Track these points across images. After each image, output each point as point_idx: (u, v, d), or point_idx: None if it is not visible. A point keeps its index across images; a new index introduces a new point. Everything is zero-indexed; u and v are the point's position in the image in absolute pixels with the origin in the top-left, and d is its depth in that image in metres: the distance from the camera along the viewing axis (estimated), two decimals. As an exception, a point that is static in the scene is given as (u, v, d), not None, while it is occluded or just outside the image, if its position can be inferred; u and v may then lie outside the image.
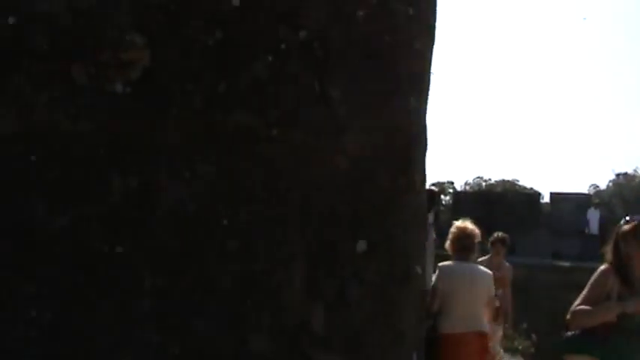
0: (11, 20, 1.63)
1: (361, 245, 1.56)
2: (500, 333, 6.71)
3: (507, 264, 7.13)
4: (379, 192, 1.57)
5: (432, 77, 1.74)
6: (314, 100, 1.56)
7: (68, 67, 1.61)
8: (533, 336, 9.26)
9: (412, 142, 1.61)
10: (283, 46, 1.56)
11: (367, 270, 1.57)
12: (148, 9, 1.59)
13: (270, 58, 1.56)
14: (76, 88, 1.60)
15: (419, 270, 1.63)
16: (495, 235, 6.95)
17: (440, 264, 4.17)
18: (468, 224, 4.44)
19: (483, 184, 29.91)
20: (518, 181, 29.41)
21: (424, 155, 1.68)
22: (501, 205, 15.96)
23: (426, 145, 1.70)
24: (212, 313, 1.56)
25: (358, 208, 1.57)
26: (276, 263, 1.55)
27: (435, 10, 1.76)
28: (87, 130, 1.59)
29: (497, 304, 6.86)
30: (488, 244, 6.95)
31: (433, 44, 1.74)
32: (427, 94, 1.71)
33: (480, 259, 6.29)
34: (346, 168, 1.56)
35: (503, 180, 29.32)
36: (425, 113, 1.69)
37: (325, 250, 1.56)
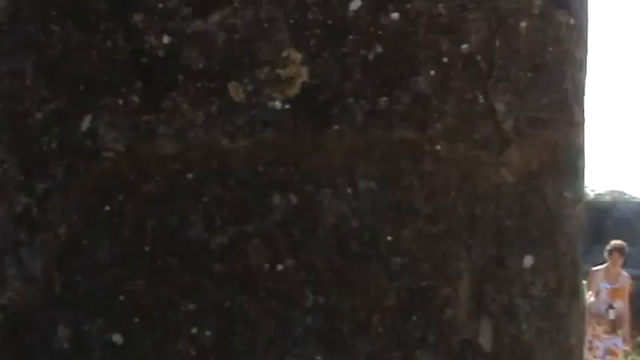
0: (165, 39, 1.77)
1: (528, 260, 1.66)
2: (622, 347, 6.70)
3: (625, 274, 7.12)
4: (546, 205, 1.67)
5: None
6: (478, 114, 1.66)
7: (225, 85, 1.74)
8: (648, 351, 9.20)
9: (578, 154, 1.70)
10: (445, 59, 1.66)
11: (535, 285, 1.66)
12: (305, 24, 1.71)
13: (432, 72, 1.66)
14: (233, 106, 1.72)
15: (584, 284, 1.72)
16: (613, 243, 6.95)
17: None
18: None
19: (591, 193, 29.69)
20: (626, 192, 29.14)
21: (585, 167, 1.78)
22: (610, 216, 15.91)
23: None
24: (376, 330, 1.67)
25: (524, 222, 1.66)
26: (441, 279, 1.65)
27: (588, 18, 1.85)
28: (245, 148, 1.71)
29: (611, 316, 6.86)
30: (605, 254, 6.97)
31: (587, 54, 1.83)
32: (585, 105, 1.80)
33: (595, 269, 6.32)
34: (512, 182, 1.65)
35: (612, 190, 29.08)
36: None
37: (492, 265, 1.65)
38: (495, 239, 1.65)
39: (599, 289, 7.51)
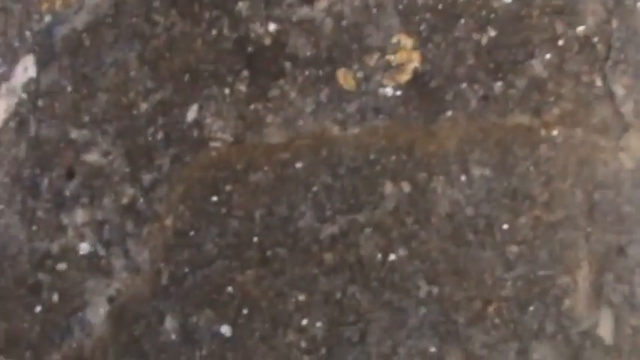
0: (271, 27, 1.83)
1: (650, 248, 1.68)
2: None
3: None
4: (668, 192, 1.68)
5: None
6: (596, 98, 1.68)
7: (333, 72, 1.79)
8: None
9: (700, 138, 1.71)
10: (561, 42, 1.69)
11: (656, 274, 1.68)
12: (414, 9, 1.75)
13: (547, 56, 1.69)
14: (343, 93, 1.77)
15: None
16: None
17: None
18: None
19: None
20: None
21: None
22: None
23: None
24: (492, 321, 1.70)
25: (646, 209, 1.68)
26: (560, 269, 1.68)
27: None
28: (356, 136, 1.76)
29: None
30: None
31: None
32: None
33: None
34: (631, 167, 1.67)
35: None
36: None
37: (612, 253, 1.68)
38: (615, 227, 1.67)
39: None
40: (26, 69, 1.97)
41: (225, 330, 1.79)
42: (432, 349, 1.70)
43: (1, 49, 2.00)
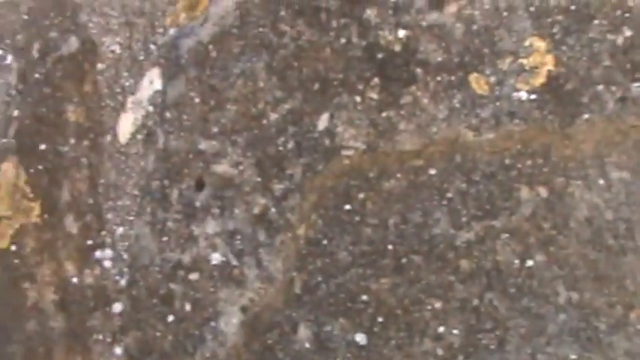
0: (401, 33, 1.90)
1: None
2: None
3: None
4: None
5: None
6: None
7: (466, 77, 1.86)
8: None
9: None
10: (701, 39, 1.73)
11: None
12: (546, 11, 1.81)
13: (688, 54, 1.73)
14: (476, 98, 1.84)
15: None
16: None
17: None
18: None
19: None
20: None
21: None
22: None
23: None
24: (635, 327, 1.75)
25: None
26: None
27: None
28: (490, 141, 1.82)
29: None
30: None
31: None
32: None
33: None
34: None
35: None
36: None
37: None
38: None
39: None
40: (152, 82, 2.07)
41: (360, 338, 1.86)
42: (573, 357, 1.75)
43: (126, 63, 2.11)
